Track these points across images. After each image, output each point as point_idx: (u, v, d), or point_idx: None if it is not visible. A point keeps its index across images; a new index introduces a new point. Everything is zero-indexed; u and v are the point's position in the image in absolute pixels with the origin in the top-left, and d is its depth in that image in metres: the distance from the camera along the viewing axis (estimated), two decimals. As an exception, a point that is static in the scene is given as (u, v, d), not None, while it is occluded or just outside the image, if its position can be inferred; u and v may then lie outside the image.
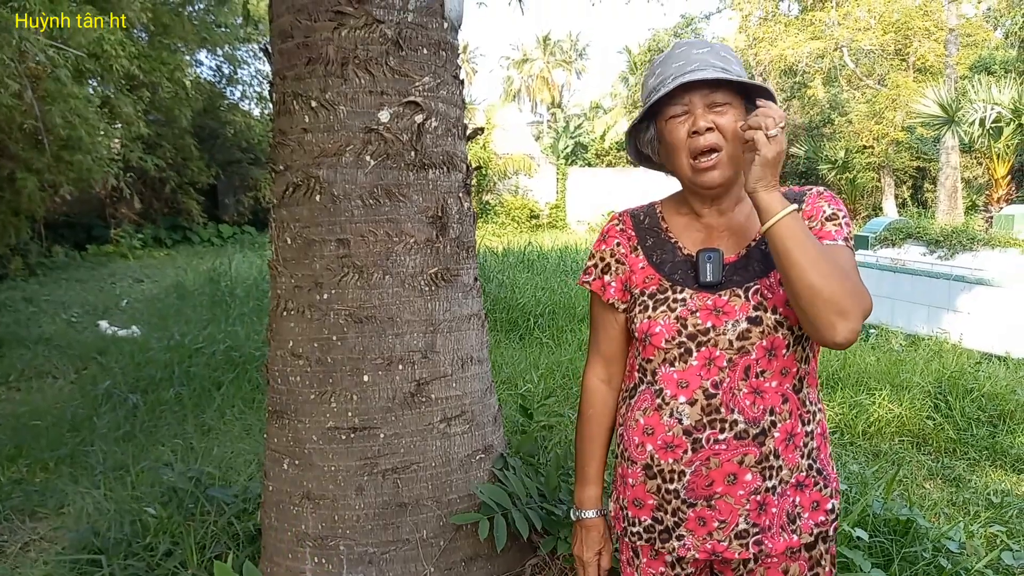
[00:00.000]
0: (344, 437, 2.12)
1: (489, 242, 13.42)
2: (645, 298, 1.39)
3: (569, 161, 30.19)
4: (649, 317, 1.36)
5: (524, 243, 12.92)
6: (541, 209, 23.97)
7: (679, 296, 1.35)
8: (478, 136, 2.69)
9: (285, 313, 2.19)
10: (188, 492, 2.97)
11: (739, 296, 1.31)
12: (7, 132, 8.34)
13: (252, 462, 3.74)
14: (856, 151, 20.49)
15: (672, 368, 1.33)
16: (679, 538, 1.37)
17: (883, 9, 18.85)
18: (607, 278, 1.46)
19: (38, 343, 6.85)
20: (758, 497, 1.32)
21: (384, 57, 2.09)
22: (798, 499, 1.35)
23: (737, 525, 1.33)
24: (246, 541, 2.66)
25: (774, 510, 1.33)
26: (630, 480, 1.41)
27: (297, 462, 2.16)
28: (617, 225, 1.48)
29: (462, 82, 2.38)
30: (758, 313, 1.29)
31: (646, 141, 1.42)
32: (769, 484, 1.32)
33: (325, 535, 2.12)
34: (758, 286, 1.31)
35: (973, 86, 12.96)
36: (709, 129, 1.28)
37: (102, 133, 9.57)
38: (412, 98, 2.13)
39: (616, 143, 34.68)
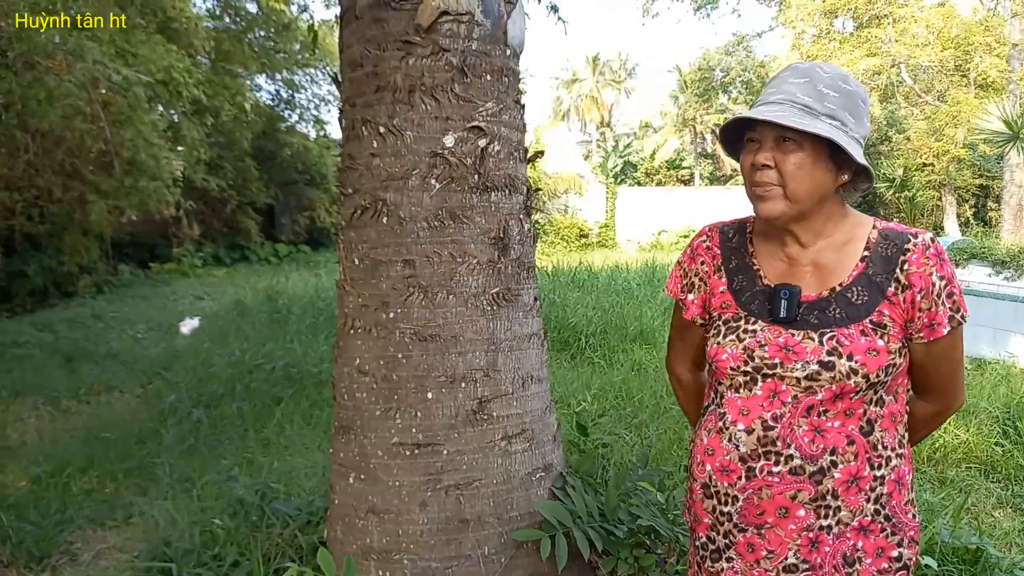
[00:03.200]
0: (408, 453, 2.17)
1: (539, 261, 13.43)
2: (719, 323, 1.41)
3: (618, 180, 30.18)
4: (718, 343, 1.37)
5: (574, 262, 12.93)
6: (590, 228, 23.95)
7: (750, 327, 1.35)
8: (538, 160, 2.74)
9: (352, 331, 2.26)
10: (254, 505, 3.05)
11: (812, 339, 1.28)
12: (79, 156, 8.74)
13: (312, 476, 3.82)
14: (915, 169, 19.98)
15: (737, 394, 1.34)
16: (728, 560, 1.38)
17: (942, 25, 18.44)
18: (690, 296, 1.49)
19: (106, 358, 7.11)
20: (811, 534, 1.31)
21: (449, 84, 2.16)
22: (860, 543, 1.32)
23: (786, 558, 1.32)
24: (310, 554, 2.73)
25: (827, 549, 1.31)
26: (692, 495, 1.44)
27: (363, 476, 2.22)
28: (704, 241, 1.49)
29: (523, 106, 2.44)
30: (831, 359, 1.26)
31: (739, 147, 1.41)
32: (824, 523, 1.30)
33: (389, 549, 2.17)
34: (835, 334, 1.28)
35: (1038, 102, 12.56)
36: (767, 166, 1.28)
37: (166, 157, 9.96)
38: (476, 123, 2.20)
39: (666, 162, 34.51)
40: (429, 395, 2.17)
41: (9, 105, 7.41)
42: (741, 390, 1.34)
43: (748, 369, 1.32)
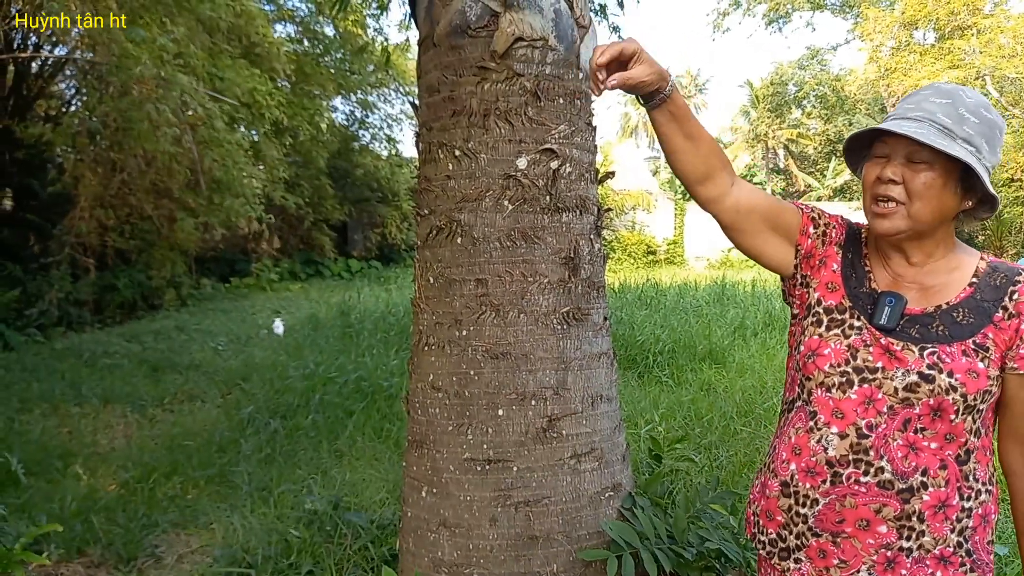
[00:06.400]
0: (479, 468, 2.21)
1: (606, 278, 13.37)
2: (820, 311, 1.37)
3: (687, 196, 29.79)
4: (820, 336, 1.34)
5: (641, 279, 12.83)
6: (658, 245, 23.73)
7: (856, 323, 1.32)
8: (608, 180, 2.77)
9: (426, 348, 2.32)
10: (327, 516, 3.15)
11: (912, 351, 1.27)
12: (169, 175, 9.21)
13: (382, 488, 3.91)
14: (1002, 184, 19.13)
15: (829, 394, 1.31)
16: (796, 561, 1.36)
17: (1031, 34, 17.64)
18: (811, 229, 1.43)
19: (188, 369, 7.42)
20: (889, 553, 1.28)
21: (523, 108, 2.21)
22: (939, 574, 1.28)
23: (858, 571, 1.30)
24: (381, 565, 2.79)
25: (904, 572, 1.28)
26: (767, 491, 1.41)
27: (435, 490, 2.27)
28: (839, 218, 1.46)
29: (595, 128, 2.47)
30: (931, 372, 1.24)
31: (862, 157, 1.39)
32: (906, 545, 1.27)
33: (460, 563, 2.21)
34: (936, 350, 1.26)
35: None
36: (894, 181, 1.26)
37: (247, 176, 10.40)
38: (548, 145, 2.24)
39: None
40: (500, 412, 2.21)
41: (106, 127, 7.88)
42: (834, 390, 1.30)
43: (848, 370, 1.29)
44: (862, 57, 23.82)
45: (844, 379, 1.30)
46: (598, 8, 5.41)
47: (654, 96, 1.37)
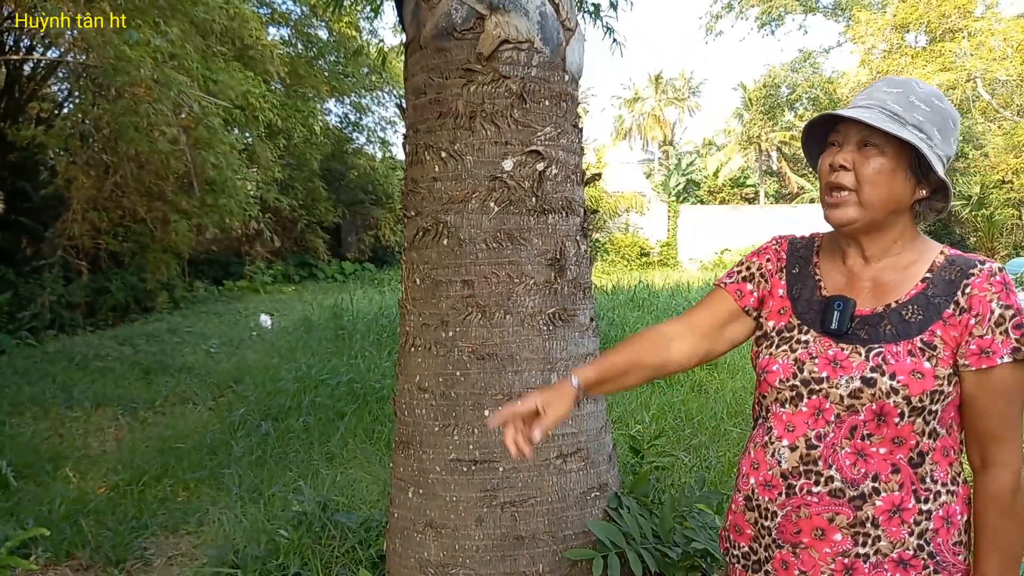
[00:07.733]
0: (465, 469, 2.22)
1: (598, 280, 13.38)
2: (773, 334, 1.39)
3: (680, 198, 29.90)
4: (771, 354, 1.36)
5: (634, 281, 12.85)
6: (652, 247, 23.78)
7: (803, 337, 1.33)
8: (595, 181, 2.78)
9: (413, 349, 2.33)
10: (316, 517, 3.15)
11: (859, 354, 1.26)
12: (163, 177, 9.20)
13: (373, 489, 3.91)
14: (993, 186, 19.23)
15: (783, 409, 1.33)
16: (766, 573, 1.37)
17: (1021, 37, 17.75)
18: (748, 286, 1.45)
19: (181, 371, 7.40)
20: (846, 560, 1.28)
21: (509, 110, 2.23)
22: None
23: None
24: (368, 566, 2.80)
25: None
26: (734, 506, 1.43)
27: (421, 491, 2.28)
28: (773, 245, 1.48)
29: (581, 130, 2.49)
30: (873, 375, 1.23)
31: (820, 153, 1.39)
32: (862, 551, 1.27)
33: (446, 563, 2.22)
34: (882, 350, 1.25)
35: None
36: (844, 167, 1.26)
37: (240, 178, 10.38)
38: (534, 147, 2.26)
39: (730, 180, 34.02)
40: (486, 412, 2.22)
41: (99, 129, 7.87)
42: (787, 405, 1.32)
43: (796, 383, 1.30)
44: (854, 60, 23.93)
45: (794, 392, 1.31)
46: (591, 9, 5.41)
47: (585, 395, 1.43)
